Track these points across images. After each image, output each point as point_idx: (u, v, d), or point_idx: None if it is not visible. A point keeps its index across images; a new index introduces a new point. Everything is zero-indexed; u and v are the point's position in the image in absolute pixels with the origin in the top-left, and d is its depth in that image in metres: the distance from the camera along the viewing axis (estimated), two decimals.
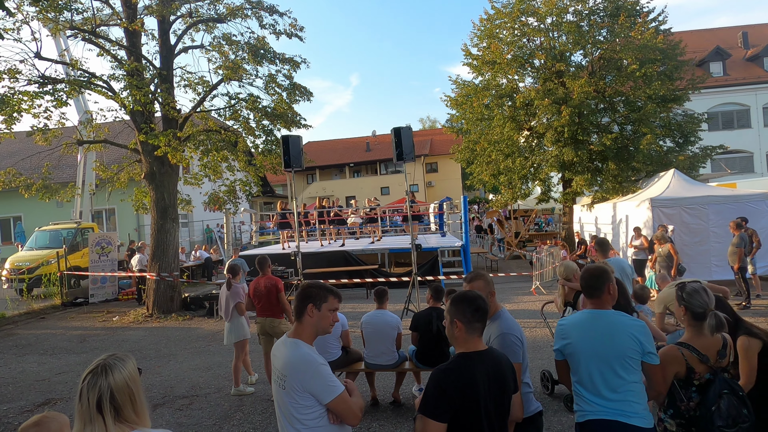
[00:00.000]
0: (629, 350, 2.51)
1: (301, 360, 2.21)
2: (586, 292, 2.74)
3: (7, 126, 10.49)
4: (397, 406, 5.51)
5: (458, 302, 2.30)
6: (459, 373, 2.14)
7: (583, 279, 2.76)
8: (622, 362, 2.51)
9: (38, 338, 10.05)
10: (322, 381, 2.18)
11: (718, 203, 11.54)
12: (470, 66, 17.81)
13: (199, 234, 26.87)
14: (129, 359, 1.80)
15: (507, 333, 2.78)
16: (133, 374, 1.76)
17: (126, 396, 1.70)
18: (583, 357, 2.58)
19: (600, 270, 2.70)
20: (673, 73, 15.71)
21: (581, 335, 2.61)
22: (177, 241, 12.36)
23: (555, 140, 15.28)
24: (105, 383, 1.68)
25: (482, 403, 2.11)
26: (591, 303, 2.71)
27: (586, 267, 2.83)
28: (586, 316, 2.68)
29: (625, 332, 2.53)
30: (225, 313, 6.35)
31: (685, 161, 15.28)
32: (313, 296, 2.33)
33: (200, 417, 5.53)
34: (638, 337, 2.52)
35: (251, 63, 12.08)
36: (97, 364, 1.74)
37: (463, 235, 14.86)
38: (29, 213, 22.19)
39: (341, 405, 2.19)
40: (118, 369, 1.73)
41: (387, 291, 5.70)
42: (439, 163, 42.34)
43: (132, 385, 1.73)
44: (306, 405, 2.17)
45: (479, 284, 2.94)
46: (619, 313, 2.65)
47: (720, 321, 2.69)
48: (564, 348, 2.67)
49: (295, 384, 2.18)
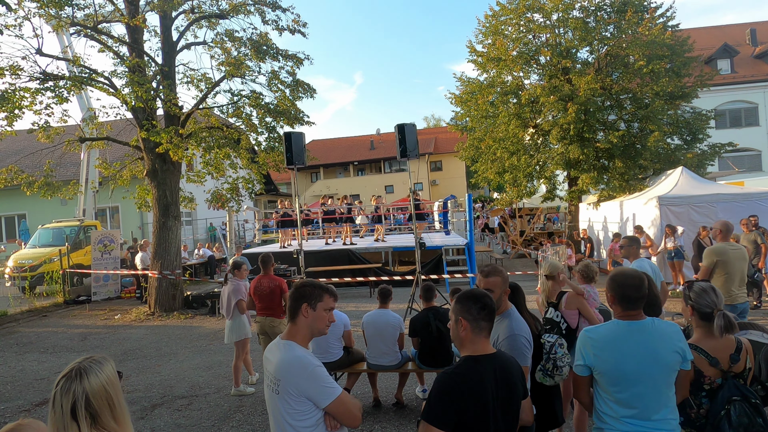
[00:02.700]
0: (674, 363, 2.32)
1: (295, 362, 2.09)
2: (622, 304, 2.40)
3: (9, 123, 10.42)
4: (400, 407, 5.39)
5: (464, 300, 2.17)
6: (466, 378, 2.01)
7: (619, 287, 2.41)
8: (667, 378, 2.31)
9: (39, 336, 9.99)
10: (319, 384, 2.06)
11: (726, 201, 11.36)
12: (475, 63, 17.63)
13: (202, 232, 26.82)
14: (107, 362, 1.67)
15: (517, 335, 2.66)
16: (112, 378, 1.63)
17: (103, 401, 1.58)
18: (625, 376, 2.30)
19: (640, 279, 2.41)
20: (681, 69, 15.47)
21: (620, 352, 2.33)
22: (179, 239, 12.28)
23: (561, 138, 15.10)
24: (80, 388, 1.56)
25: (490, 409, 1.98)
26: (625, 314, 2.41)
27: (622, 273, 2.49)
28: (623, 330, 2.38)
29: (668, 345, 2.32)
30: (226, 311, 6.25)
31: (694, 159, 15.08)
32: (308, 295, 2.21)
33: (199, 418, 5.43)
34: (680, 346, 2.33)
35: (254, 59, 11.97)
36: (71, 367, 1.61)
37: (468, 233, 14.72)
38: (33, 211, 22.18)
39: (340, 407, 2.08)
40: (95, 372, 1.60)
41: (391, 291, 5.57)
42: (443, 162, 42.17)
43: (110, 389, 1.61)
44: (302, 410, 2.06)
45: (496, 280, 2.80)
46: (655, 321, 2.41)
47: (729, 322, 2.55)
48: (595, 365, 2.38)
49: (289, 388, 2.06)
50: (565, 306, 4.12)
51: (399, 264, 15.83)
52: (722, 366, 2.52)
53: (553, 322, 4.12)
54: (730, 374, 2.51)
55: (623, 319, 2.42)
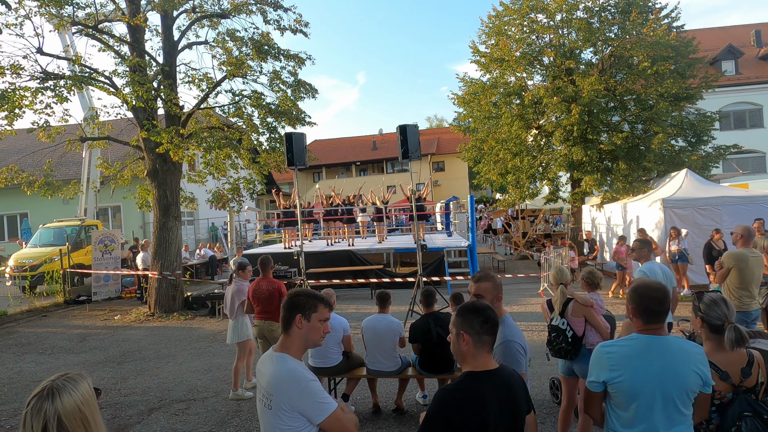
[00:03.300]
0: (693, 384, 2.19)
1: (287, 376, 2.01)
2: (643, 317, 2.27)
3: (9, 122, 10.39)
4: (400, 413, 5.31)
5: (465, 313, 2.09)
6: (466, 395, 1.92)
7: (642, 299, 2.28)
8: (683, 398, 2.18)
9: (39, 337, 9.94)
10: (313, 399, 1.98)
11: (731, 204, 11.25)
12: (478, 63, 17.54)
13: (204, 232, 26.78)
14: (83, 379, 1.59)
15: (510, 341, 2.59)
16: (87, 397, 1.55)
17: (77, 422, 1.49)
18: (643, 393, 2.18)
19: (664, 292, 2.28)
20: (686, 71, 15.36)
21: (639, 368, 2.20)
22: (179, 239, 12.22)
23: (564, 139, 15.00)
24: (51, 408, 1.47)
25: (492, 428, 1.90)
26: (646, 328, 2.28)
27: (645, 284, 2.34)
28: (643, 345, 2.25)
29: (688, 365, 2.19)
30: (230, 311, 6.23)
31: (698, 161, 14.94)
32: (302, 305, 2.12)
33: (196, 423, 5.35)
34: (702, 369, 2.20)
35: (255, 59, 11.90)
36: (44, 386, 1.53)
37: (470, 234, 14.63)
38: (36, 210, 22.17)
39: (335, 424, 2.00)
40: (68, 391, 1.51)
41: (389, 295, 5.50)
42: (446, 162, 42.05)
43: (85, 409, 1.52)
44: (295, 426, 1.98)
45: (486, 285, 2.76)
46: (678, 339, 2.30)
47: (741, 335, 2.46)
48: (613, 381, 2.24)
49: (282, 403, 1.98)
50: (572, 314, 4.05)
51: (400, 265, 15.75)
52: (733, 380, 2.43)
53: (559, 330, 4.07)
54: (742, 389, 2.42)
55: (644, 333, 2.28)
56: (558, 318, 4.13)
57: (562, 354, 4.09)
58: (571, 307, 4.08)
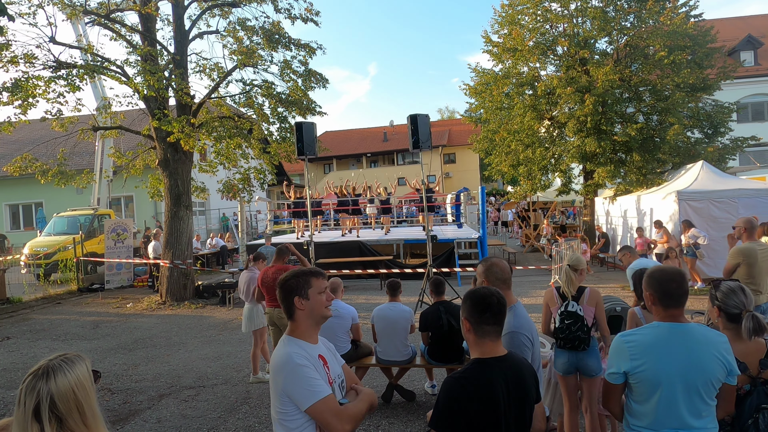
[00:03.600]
0: (718, 373, 2.10)
1: (280, 360, 1.99)
2: (662, 301, 2.19)
3: (23, 111, 10.48)
4: (409, 400, 5.30)
5: (466, 300, 2.05)
6: (474, 382, 1.88)
7: (659, 283, 2.21)
8: (708, 387, 2.10)
9: (52, 323, 10.08)
10: (300, 384, 1.92)
11: (749, 197, 11.02)
12: (490, 53, 17.32)
13: (215, 222, 26.95)
14: (80, 361, 1.55)
15: (515, 332, 2.52)
16: (82, 379, 1.51)
17: (71, 404, 1.46)
18: (666, 382, 2.10)
19: (681, 274, 2.21)
20: (703, 61, 15.02)
21: (661, 356, 2.12)
22: (190, 229, 12.29)
23: (577, 130, 14.77)
24: (45, 388, 1.44)
25: (501, 415, 1.86)
26: (667, 314, 2.20)
27: (661, 269, 2.28)
28: (664, 332, 2.17)
29: (712, 353, 2.10)
30: (245, 295, 6.38)
31: (714, 153, 14.67)
32: (295, 287, 2.08)
33: (206, 409, 5.39)
34: (726, 358, 2.12)
35: (266, 48, 11.86)
36: (41, 365, 1.50)
37: (481, 226, 14.54)
38: (50, 199, 22.46)
39: (323, 412, 1.90)
40: (63, 372, 1.48)
41: (400, 284, 5.48)
42: (457, 154, 41.83)
43: (79, 392, 1.49)
44: (287, 411, 1.95)
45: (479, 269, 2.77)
46: (702, 327, 2.21)
47: (759, 324, 2.38)
48: (634, 371, 2.15)
49: (275, 386, 1.97)
50: (587, 301, 3.88)
51: (410, 257, 15.72)
52: (751, 372, 2.36)
53: (577, 316, 3.79)
54: (760, 380, 2.35)
55: (665, 320, 2.20)
56: (574, 305, 3.83)
57: (577, 343, 3.76)
58: (587, 293, 3.87)
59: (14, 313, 11.26)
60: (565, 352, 3.84)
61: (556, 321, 3.87)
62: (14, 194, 23.72)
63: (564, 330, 3.81)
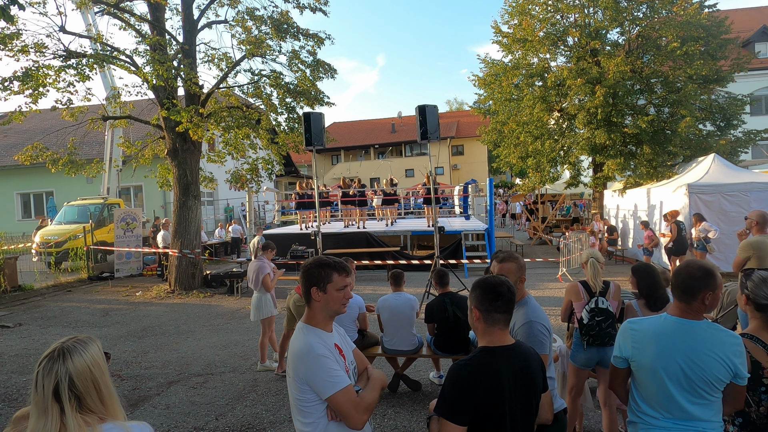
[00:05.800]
0: (720, 374, 2.10)
1: (301, 348, 1.99)
2: (675, 292, 2.23)
3: (33, 100, 10.55)
4: (415, 390, 5.33)
5: (476, 288, 2.05)
6: (481, 370, 1.88)
7: (677, 276, 2.22)
8: (709, 385, 2.11)
9: (63, 311, 10.21)
10: (320, 374, 1.94)
11: (761, 190, 10.87)
12: (500, 44, 17.16)
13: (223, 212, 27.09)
14: (92, 342, 1.60)
15: (534, 321, 2.54)
16: (97, 359, 1.56)
17: (89, 382, 1.51)
18: (664, 374, 2.13)
19: (703, 271, 2.17)
20: (717, 52, 14.78)
21: (663, 348, 2.15)
22: (199, 218, 12.36)
23: (587, 122, 14.63)
24: (63, 369, 1.48)
25: (507, 404, 1.86)
26: (678, 308, 2.21)
27: (688, 262, 2.29)
28: (671, 326, 2.19)
29: (715, 353, 2.09)
30: (254, 284, 6.42)
31: (726, 146, 14.48)
32: (315, 277, 2.08)
33: (213, 396, 5.45)
34: (733, 361, 2.09)
35: (274, 38, 11.83)
36: (54, 347, 1.54)
37: (488, 218, 14.50)
38: (60, 189, 22.67)
39: (343, 402, 1.94)
40: (79, 353, 1.53)
41: (403, 274, 5.50)
42: (465, 146, 41.64)
43: (95, 370, 1.53)
44: (306, 399, 1.96)
45: (511, 267, 2.68)
46: (713, 327, 2.17)
47: None
48: (635, 358, 2.21)
49: (295, 375, 1.98)
50: (613, 296, 3.84)
51: (417, 248, 15.71)
52: None
53: (608, 313, 3.74)
54: None
55: (677, 315, 2.21)
56: (603, 300, 3.76)
57: (606, 340, 3.69)
58: (612, 288, 3.83)
59: (26, 300, 11.42)
60: (592, 348, 3.79)
61: (585, 318, 3.79)
62: (25, 183, 23.96)
63: (594, 327, 3.74)
